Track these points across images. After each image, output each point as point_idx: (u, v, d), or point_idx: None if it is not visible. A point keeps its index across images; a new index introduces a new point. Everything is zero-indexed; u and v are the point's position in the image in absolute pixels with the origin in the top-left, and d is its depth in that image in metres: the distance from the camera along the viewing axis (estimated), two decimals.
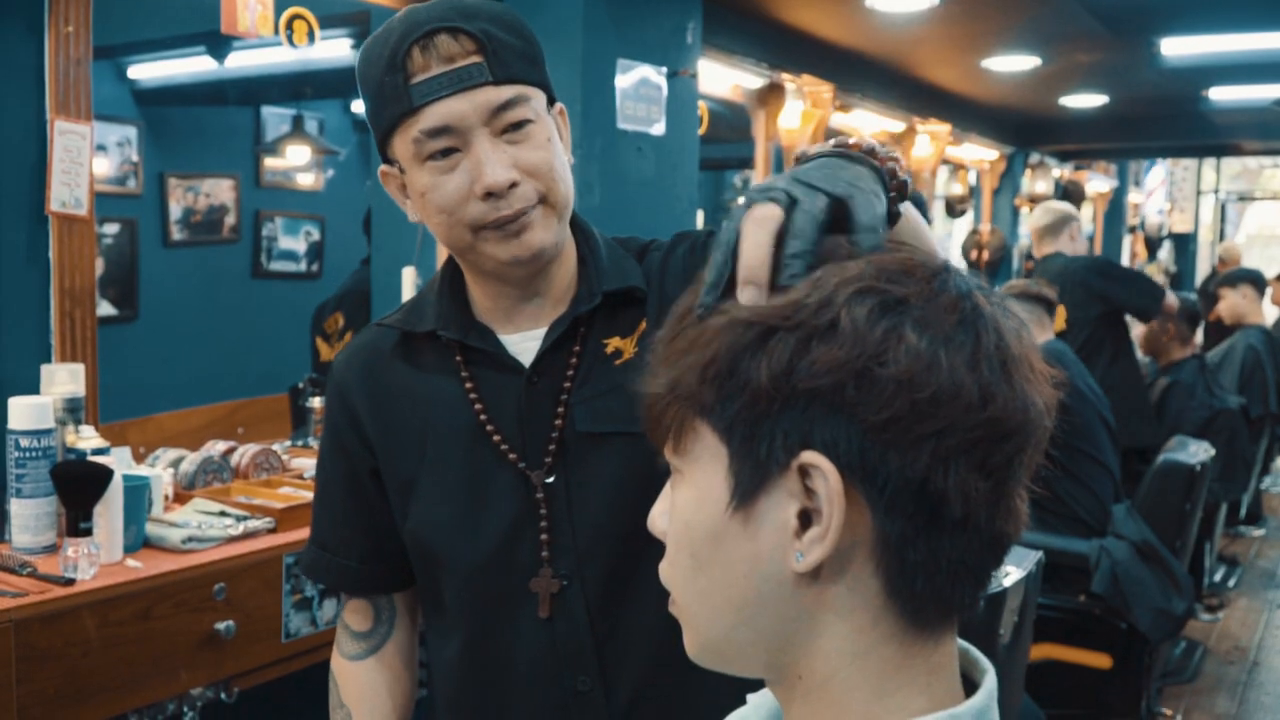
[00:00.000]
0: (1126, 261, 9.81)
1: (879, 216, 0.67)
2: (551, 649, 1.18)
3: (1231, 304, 5.95)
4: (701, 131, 3.88)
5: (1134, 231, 10.84)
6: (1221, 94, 6.51)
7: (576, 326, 1.19)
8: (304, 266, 5.23)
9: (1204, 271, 12.09)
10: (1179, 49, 5.22)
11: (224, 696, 2.00)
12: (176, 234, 4.73)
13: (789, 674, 0.64)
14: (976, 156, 7.55)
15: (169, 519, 2.09)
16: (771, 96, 4.72)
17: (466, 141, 1.10)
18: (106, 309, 4.34)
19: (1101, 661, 3.17)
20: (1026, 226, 5.04)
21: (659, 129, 3.30)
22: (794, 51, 4.75)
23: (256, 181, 5.03)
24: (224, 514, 2.14)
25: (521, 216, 1.12)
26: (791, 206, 0.64)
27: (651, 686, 1.17)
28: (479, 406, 1.19)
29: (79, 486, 1.85)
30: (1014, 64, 5.46)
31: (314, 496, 1.34)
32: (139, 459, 2.36)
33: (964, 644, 0.67)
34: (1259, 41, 5.03)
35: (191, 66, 4.57)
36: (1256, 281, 6.02)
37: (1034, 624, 2.28)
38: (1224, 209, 12.74)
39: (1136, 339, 5.32)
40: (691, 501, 0.64)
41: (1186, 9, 4.58)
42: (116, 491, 1.92)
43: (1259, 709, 3.97)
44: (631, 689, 1.17)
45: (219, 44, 4.06)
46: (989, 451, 0.59)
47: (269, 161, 5.00)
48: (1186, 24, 4.80)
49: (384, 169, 1.18)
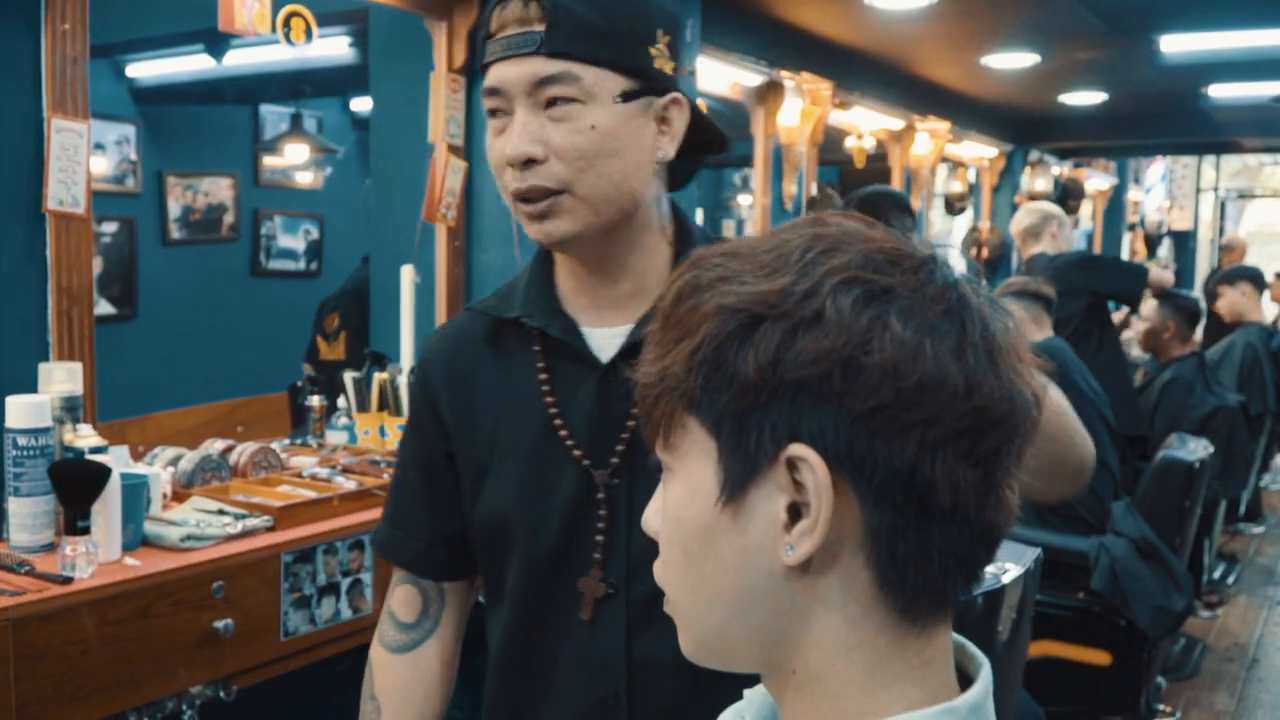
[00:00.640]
0: (1126, 259, 9.80)
1: None
2: (588, 656, 1.17)
3: (1230, 301, 5.95)
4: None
5: (1134, 229, 10.84)
6: (1221, 91, 6.50)
7: None
8: (303, 265, 5.23)
9: (1203, 269, 12.09)
10: (1178, 46, 5.22)
11: (223, 695, 2.00)
12: (175, 232, 4.73)
13: (782, 668, 0.64)
14: (976, 154, 7.55)
15: (167, 517, 2.09)
16: (770, 94, 4.71)
17: (512, 107, 1.11)
18: (105, 307, 4.34)
19: (1101, 658, 3.17)
20: (1011, 229, 5.01)
21: None
22: (793, 49, 4.74)
23: (255, 180, 5.04)
24: (222, 512, 2.14)
25: (544, 200, 1.11)
26: None
27: (678, 711, 1.15)
28: (550, 399, 1.17)
29: (77, 485, 1.85)
30: (1013, 61, 5.46)
31: (392, 476, 1.34)
32: (137, 457, 2.36)
33: (960, 639, 0.67)
34: (1258, 39, 5.03)
35: (189, 65, 4.57)
36: (1255, 279, 6.02)
37: (1033, 621, 2.27)
38: (1224, 206, 12.73)
39: (1135, 335, 5.32)
40: (682, 497, 0.64)
41: (1186, 6, 4.57)
42: (114, 490, 1.92)
43: (1258, 706, 3.97)
44: (658, 710, 1.16)
45: (217, 42, 4.06)
46: (976, 440, 0.59)
47: (267, 160, 5.01)
48: (1186, 21, 4.80)
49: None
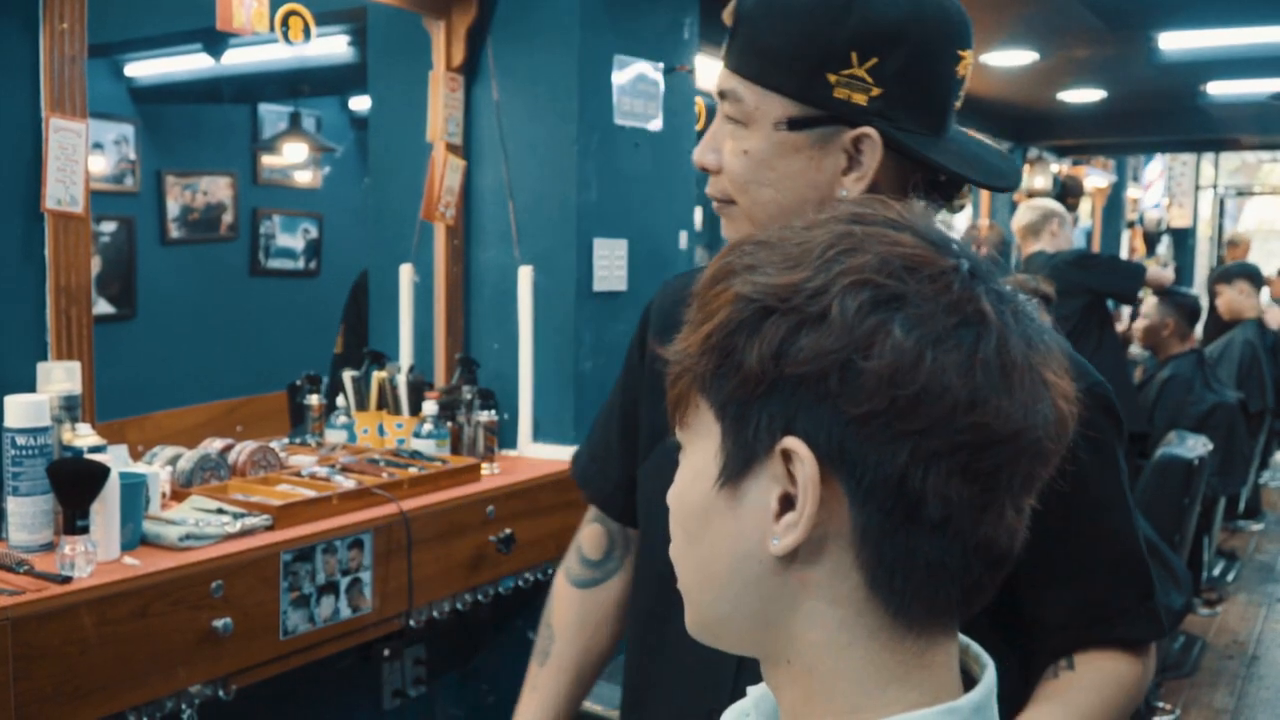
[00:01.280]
0: (1125, 256, 9.80)
1: None
2: (699, 664, 1.14)
3: (1228, 299, 5.95)
4: (699, 127, 3.88)
5: (1132, 227, 10.84)
6: (1219, 88, 6.50)
7: None
8: (302, 264, 5.23)
9: (1203, 266, 12.09)
10: (1177, 43, 5.22)
11: (222, 694, 2.00)
12: (174, 232, 4.72)
13: (778, 658, 0.64)
14: None
15: (166, 517, 2.08)
16: None
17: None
18: (104, 307, 4.34)
19: None
20: (1012, 226, 5.02)
21: (656, 125, 3.30)
22: None
23: (254, 179, 5.03)
24: (221, 511, 2.14)
25: (722, 204, 1.10)
26: None
27: None
28: None
29: (76, 484, 1.85)
30: (1011, 59, 5.46)
31: (603, 404, 1.35)
32: (136, 457, 2.36)
33: (964, 639, 0.67)
34: (1257, 35, 5.03)
35: (188, 64, 4.57)
36: (1253, 277, 6.03)
37: None
38: (1222, 204, 12.73)
39: (1136, 332, 5.32)
40: (688, 477, 0.65)
41: (1184, 4, 4.57)
42: (113, 489, 1.91)
43: (1258, 703, 3.97)
44: None
45: (215, 41, 4.06)
46: (974, 457, 0.58)
47: (266, 159, 5.00)
48: (1184, 18, 4.80)
49: None
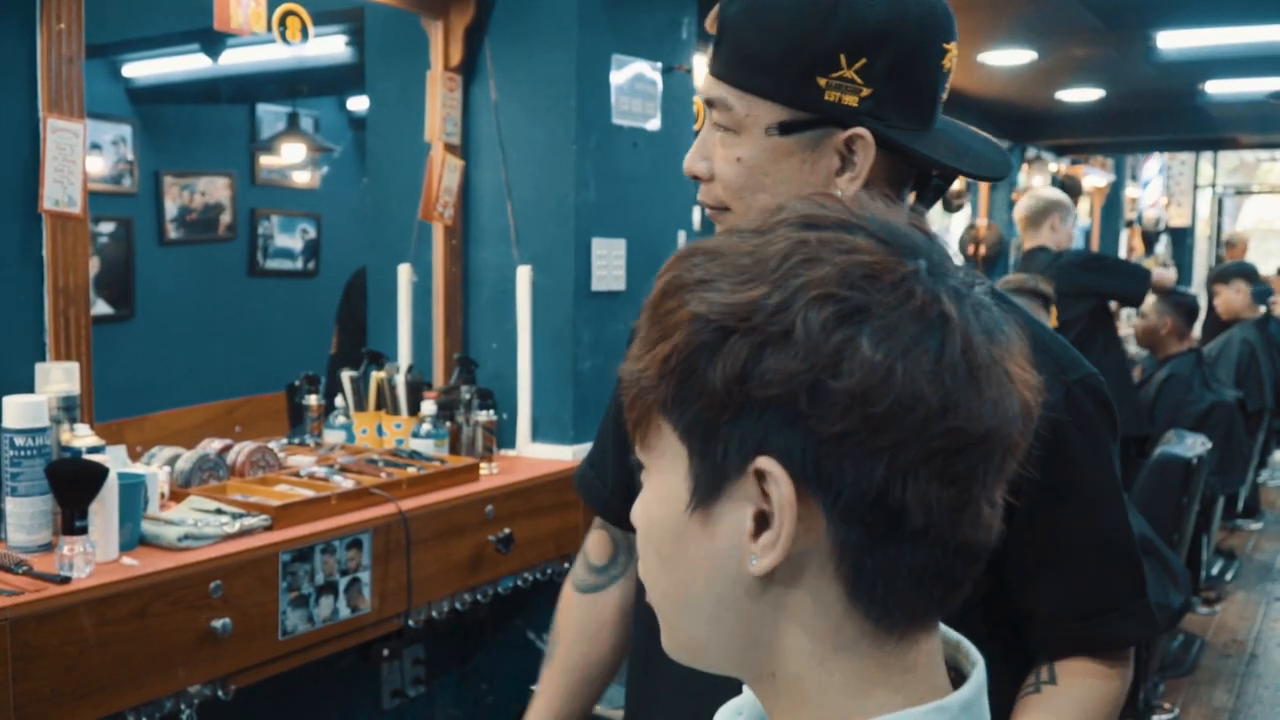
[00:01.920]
0: (1124, 255, 9.81)
1: None
2: (699, 672, 1.16)
3: (1226, 300, 5.96)
4: (697, 127, 3.88)
5: (1131, 226, 10.84)
6: (1218, 87, 6.50)
7: None
8: (300, 264, 5.22)
9: (1201, 266, 12.10)
10: (1175, 42, 5.22)
11: (221, 694, 2.00)
12: (172, 232, 4.72)
13: (761, 673, 0.63)
14: None
15: (165, 517, 2.08)
16: None
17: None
18: (102, 307, 4.34)
19: None
20: (1014, 215, 4.84)
21: (654, 124, 3.30)
22: None
23: (252, 179, 5.03)
24: (220, 512, 2.14)
25: (714, 211, 1.10)
26: None
27: None
28: None
29: (74, 485, 1.85)
30: (1010, 58, 5.46)
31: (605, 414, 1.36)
32: (135, 457, 2.36)
33: (956, 636, 0.67)
34: (1255, 34, 5.03)
35: (185, 64, 4.56)
36: (1250, 276, 6.03)
37: None
38: (1221, 203, 12.74)
39: (1134, 331, 5.32)
40: (656, 499, 0.64)
41: (1182, 2, 4.57)
42: (112, 490, 1.91)
43: (1257, 702, 3.97)
44: None
45: (213, 41, 4.05)
46: (950, 461, 0.57)
47: (264, 159, 5.00)
48: (1182, 17, 4.80)
49: None
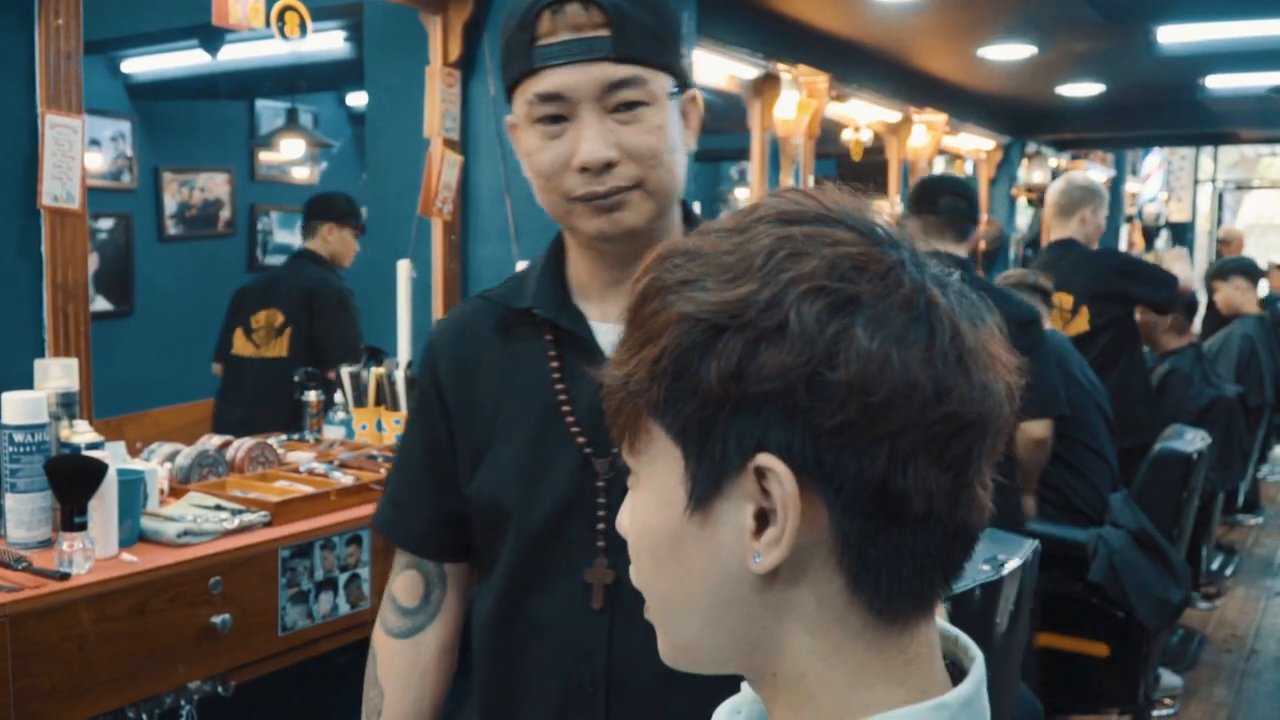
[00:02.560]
0: (1124, 250, 9.81)
1: None
2: (576, 640, 1.18)
3: (1225, 296, 5.95)
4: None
5: (1131, 221, 10.84)
6: (1218, 82, 6.49)
7: None
8: None
9: (1201, 261, 12.09)
10: (1175, 37, 5.21)
11: (221, 690, 2.00)
12: (171, 228, 4.72)
13: (763, 672, 0.63)
14: (973, 146, 7.55)
15: (164, 513, 2.08)
16: (767, 87, 4.70)
17: (575, 112, 1.12)
18: (101, 304, 4.34)
19: (1099, 650, 3.17)
20: (1046, 199, 4.44)
21: None
22: (789, 42, 4.73)
23: (251, 175, 5.03)
24: (219, 508, 2.14)
25: (615, 195, 1.12)
26: None
27: (655, 701, 1.16)
28: (560, 386, 1.19)
29: (73, 481, 1.85)
30: (1010, 53, 5.45)
31: (395, 455, 1.37)
32: (134, 453, 2.36)
33: (954, 630, 0.67)
34: (1256, 29, 5.02)
35: (184, 60, 4.56)
36: (1248, 272, 6.02)
37: (1031, 613, 2.28)
38: (1221, 198, 12.73)
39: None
40: (649, 504, 0.64)
41: None
42: (111, 486, 1.91)
43: (1256, 697, 3.97)
44: (633, 700, 1.17)
45: (211, 37, 4.05)
46: (947, 445, 0.58)
47: (263, 155, 5.00)
48: (1183, 12, 4.79)
49: (509, 119, 1.20)
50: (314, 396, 2.95)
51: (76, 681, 1.75)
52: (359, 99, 4.56)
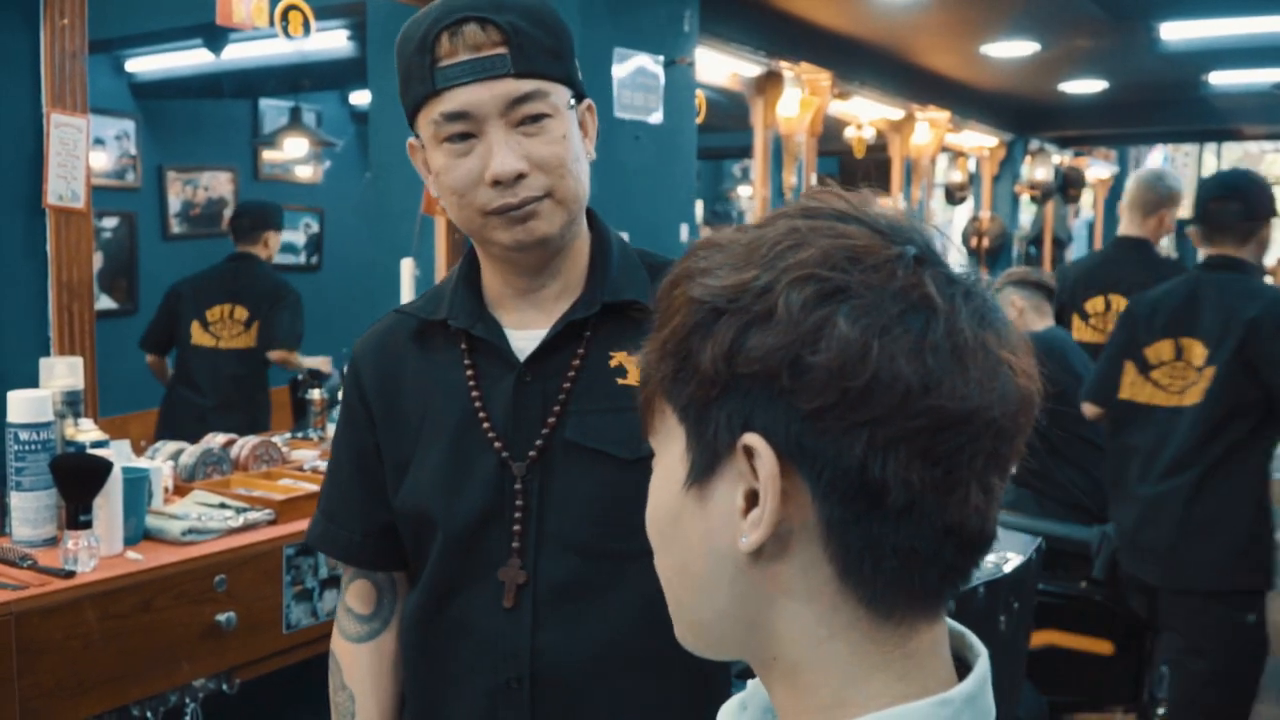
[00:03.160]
0: None
1: None
2: (495, 641, 1.21)
3: None
4: (699, 120, 3.87)
5: None
6: (1222, 78, 6.49)
7: (580, 331, 1.21)
8: (303, 259, 5.23)
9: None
10: (1178, 33, 5.21)
11: (225, 688, 2.00)
12: (175, 227, 4.72)
13: (763, 657, 0.64)
14: (976, 143, 7.54)
15: (169, 511, 2.09)
16: (769, 85, 4.71)
17: (482, 129, 1.15)
18: (106, 302, 4.34)
19: (1103, 648, 3.17)
20: (1125, 193, 4.00)
21: (656, 118, 3.30)
22: (792, 39, 4.73)
23: (255, 174, 5.03)
24: (224, 506, 2.15)
25: (527, 205, 1.16)
26: None
27: (580, 698, 1.20)
28: (476, 394, 1.22)
29: (78, 479, 1.85)
30: (1013, 50, 5.45)
31: (326, 469, 1.38)
32: (139, 452, 2.36)
33: (959, 627, 0.67)
34: (1259, 25, 5.02)
35: (188, 59, 4.56)
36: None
37: (1034, 610, 2.28)
38: None
39: None
40: (658, 481, 0.65)
41: None
42: (116, 484, 1.92)
43: (1262, 692, 3.97)
44: (559, 697, 1.20)
45: (215, 36, 4.06)
46: (933, 440, 0.57)
47: (267, 154, 5.00)
48: (1186, 8, 4.79)
49: (411, 142, 1.23)
50: (318, 395, 2.95)
51: (81, 679, 1.76)
52: (362, 98, 4.56)
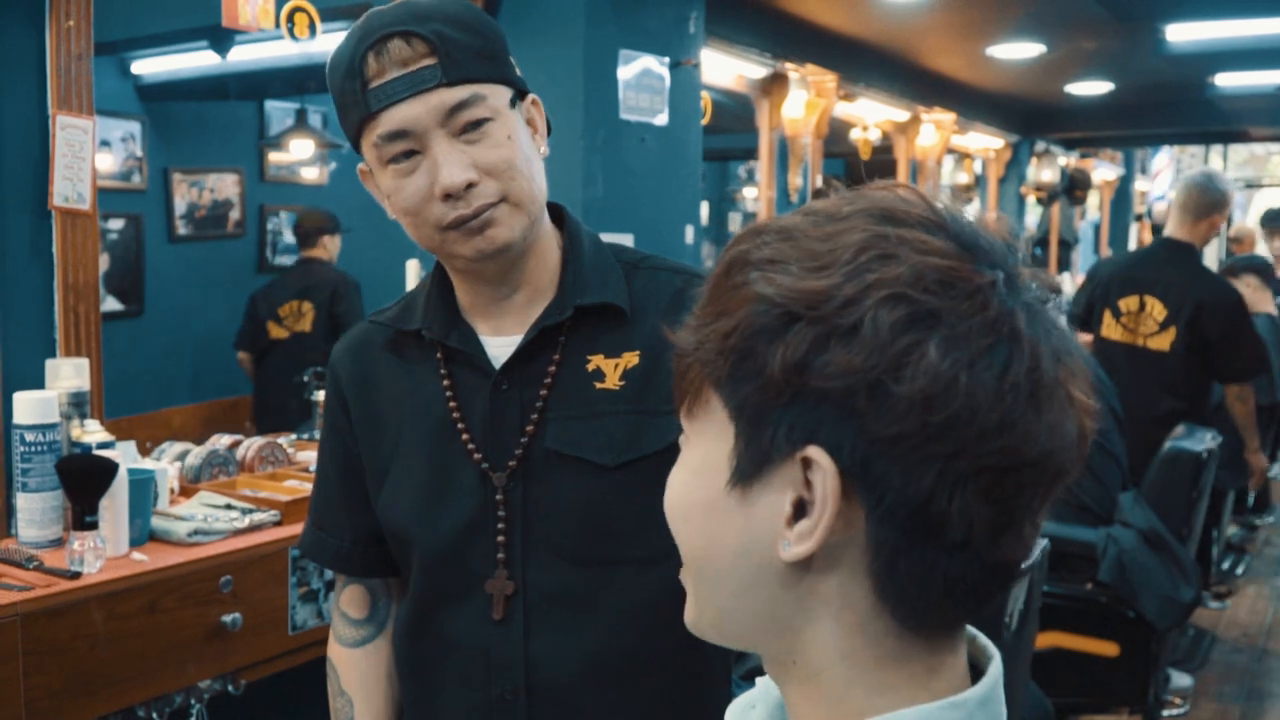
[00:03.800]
0: (1133, 249, 9.78)
1: None
2: (487, 653, 1.20)
3: None
4: (705, 122, 3.87)
5: (1140, 220, 10.82)
6: (1228, 80, 6.48)
7: (554, 336, 1.19)
8: None
9: (1212, 259, 12.04)
10: (1184, 35, 5.20)
11: (231, 689, 2.01)
12: (181, 229, 4.73)
13: (783, 658, 0.63)
14: (982, 145, 7.53)
15: (174, 512, 2.09)
16: (775, 86, 4.70)
17: (424, 144, 1.12)
18: (112, 304, 4.35)
19: (1109, 650, 3.16)
20: (1175, 196, 3.87)
21: (662, 120, 3.30)
22: (797, 41, 4.73)
23: (261, 176, 5.04)
24: (229, 507, 2.15)
25: (483, 213, 1.13)
26: None
27: (577, 709, 1.19)
28: (454, 404, 1.21)
29: (84, 480, 1.85)
30: (1019, 51, 5.44)
31: (314, 476, 1.37)
32: (145, 453, 2.37)
33: (971, 630, 0.66)
34: (1265, 27, 5.01)
35: (194, 61, 4.57)
36: (1261, 270, 5.98)
37: (1040, 612, 2.27)
38: None
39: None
40: (693, 468, 0.64)
41: None
42: (122, 485, 1.92)
43: (1267, 696, 3.96)
44: (556, 708, 1.19)
45: (221, 38, 4.06)
46: (999, 479, 0.56)
47: (273, 156, 5.01)
48: (1192, 9, 4.78)
49: (361, 168, 1.22)
50: (322, 396, 2.95)
51: (87, 680, 1.76)
52: None
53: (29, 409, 1.91)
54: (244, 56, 4.34)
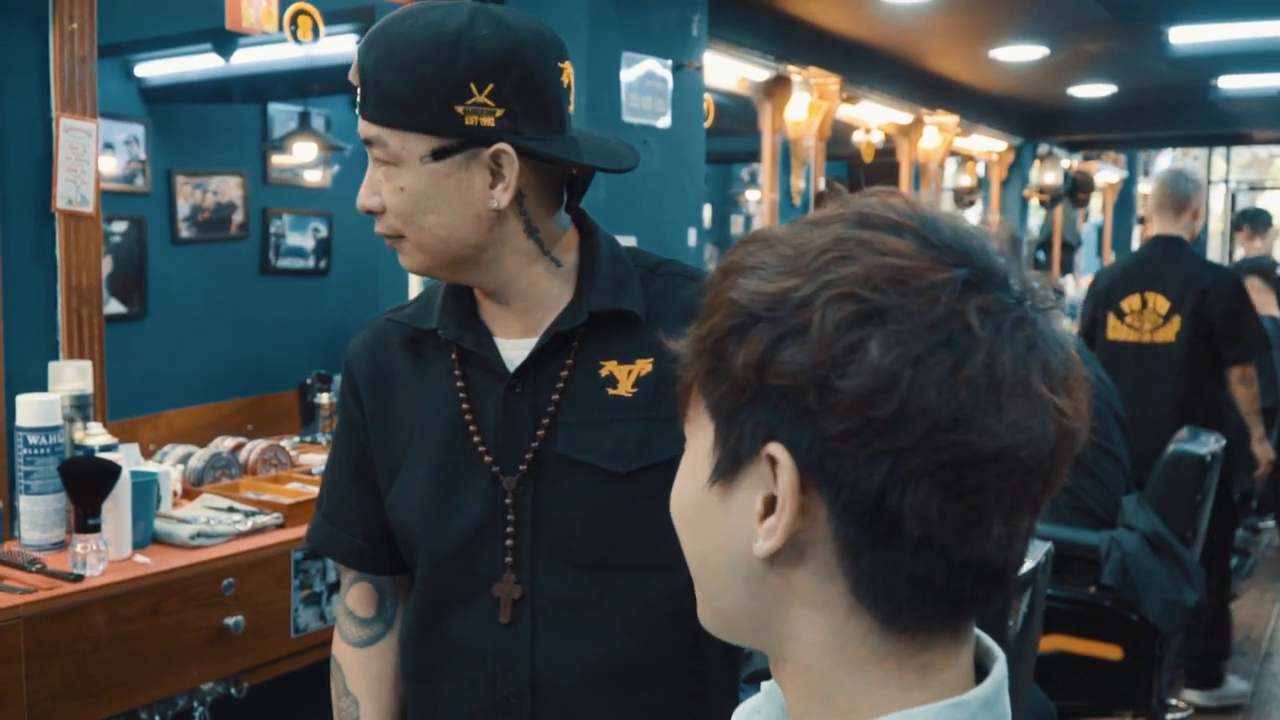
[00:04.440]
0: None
1: None
2: (494, 654, 1.20)
3: None
4: (707, 125, 3.87)
5: (1143, 222, 10.80)
6: (1231, 82, 6.47)
7: (568, 340, 1.19)
8: (312, 263, 5.23)
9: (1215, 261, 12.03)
10: (1187, 37, 5.20)
11: (234, 691, 2.01)
12: (184, 231, 4.73)
13: (777, 656, 0.64)
14: (985, 147, 7.53)
15: (177, 515, 2.09)
16: (778, 89, 4.70)
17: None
18: (115, 306, 4.35)
19: (1112, 653, 3.16)
20: (1151, 194, 4.00)
21: (665, 122, 3.30)
22: (800, 43, 4.73)
23: (264, 178, 5.04)
24: (232, 510, 2.15)
25: (390, 239, 1.18)
26: None
27: (582, 712, 1.19)
28: (466, 406, 1.21)
29: (87, 483, 1.86)
30: (1022, 54, 5.44)
31: (325, 471, 1.37)
32: (147, 455, 2.37)
33: (975, 631, 0.66)
34: (1268, 29, 5.00)
35: (198, 64, 4.57)
36: (1265, 272, 5.98)
37: (1044, 615, 2.27)
38: (1234, 199, 12.67)
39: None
40: (687, 469, 0.66)
41: None
42: (125, 488, 1.92)
43: (1271, 699, 3.95)
44: (561, 711, 1.19)
45: (225, 41, 4.07)
46: (957, 475, 0.56)
47: (276, 158, 5.01)
48: (1195, 12, 4.78)
49: None
50: (326, 398, 2.95)
51: (90, 683, 1.76)
52: None
53: (32, 411, 1.92)
54: (247, 59, 4.35)
